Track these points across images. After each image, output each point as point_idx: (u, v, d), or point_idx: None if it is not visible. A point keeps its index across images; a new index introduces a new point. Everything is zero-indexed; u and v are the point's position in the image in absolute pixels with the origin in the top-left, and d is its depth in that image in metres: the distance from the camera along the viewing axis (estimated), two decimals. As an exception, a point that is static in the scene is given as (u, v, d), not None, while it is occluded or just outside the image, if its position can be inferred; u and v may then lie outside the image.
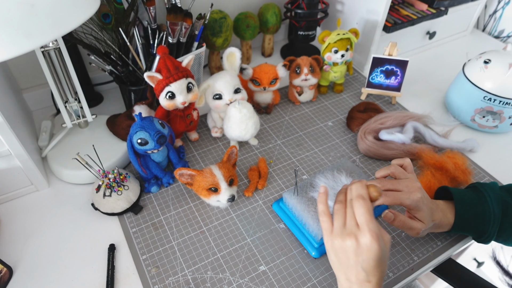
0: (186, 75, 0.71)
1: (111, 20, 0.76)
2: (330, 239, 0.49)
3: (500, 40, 1.24)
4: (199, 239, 0.67)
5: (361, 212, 0.46)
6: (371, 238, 0.44)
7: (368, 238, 0.44)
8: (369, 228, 0.45)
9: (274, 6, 1.03)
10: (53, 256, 0.65)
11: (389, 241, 0.48)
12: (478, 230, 0.60)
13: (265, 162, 0.79)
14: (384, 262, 0.46)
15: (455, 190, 0.62)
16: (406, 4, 1.09)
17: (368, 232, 0.45)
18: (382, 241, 0.46)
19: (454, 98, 0.91)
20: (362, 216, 0.46)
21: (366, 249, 0.45)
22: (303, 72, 0.88)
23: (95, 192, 0.68)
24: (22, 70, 0.88)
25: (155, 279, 0.61)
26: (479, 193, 0.62)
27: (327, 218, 0.50)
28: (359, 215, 0.46)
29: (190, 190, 0.75)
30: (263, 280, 0.61)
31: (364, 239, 0.45)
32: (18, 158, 0.67)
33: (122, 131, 0.79)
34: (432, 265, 0.65)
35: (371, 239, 0.44)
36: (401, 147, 0.80)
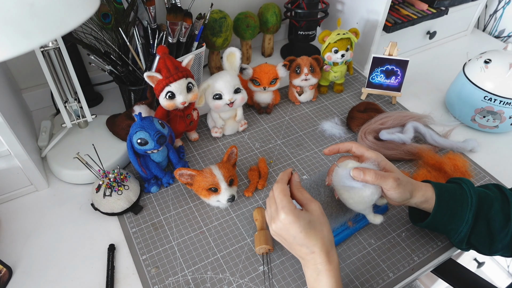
0: (186, 75, 0.71)
1: (111, 20, 0.76)
2: (269, 225, 0.53)
3: (500, 40, 1.24)
4: (199, 239, 0.67)
5: (275, 195, 0.51)
6: (284, 214, 0.48)
7: (282, 215, 0.48)
8: (282, 206, 0.49)
9: (274, 6, 1.02)
10: (52, 256, 0.64)
11: (318, 207, 0.51)
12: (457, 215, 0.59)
13: (265, 162, 0.79)
14: (316, 228, 0.49)
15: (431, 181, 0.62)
16: (406, 4, 1.08)
17: (281, 210, 0.49)
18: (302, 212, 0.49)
19: (454, 98, 0.91)
20: (276, 198, 0.50)
21: (288, 225, 0.48)
22: (303, 72, 0.88)
23: (95, 192, 0.68)
24: (21, 70, 0.88)
25: (155, 279, 0.61)
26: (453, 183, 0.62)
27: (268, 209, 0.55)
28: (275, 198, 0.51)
29: (190, 190, 0.75)
30: (263, 280, 0.61)
31: (280, 217, 0.49)
32: (17, 158, 0.66)
33: (122, 131, 0.79)
34: (432, 265, 0.65)
35: (285, 215, 0.48)
36: (401, 147, 0.80)
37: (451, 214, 0.59)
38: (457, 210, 0.59)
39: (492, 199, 0.59)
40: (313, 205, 0.51)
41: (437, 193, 0.59)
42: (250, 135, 0.87)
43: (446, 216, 0.59)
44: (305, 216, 0.49)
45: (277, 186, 0.52)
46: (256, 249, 0.63)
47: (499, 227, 0.58)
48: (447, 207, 0.59)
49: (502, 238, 0.58)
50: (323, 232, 0.50)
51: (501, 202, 0.59)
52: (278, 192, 0.51)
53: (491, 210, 0.58)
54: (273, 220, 0.51)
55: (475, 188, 0.60)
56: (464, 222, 0.58)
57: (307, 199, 0.52)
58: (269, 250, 0.63)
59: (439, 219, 0.60)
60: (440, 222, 0.60)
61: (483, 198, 0.59)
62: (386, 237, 0.68)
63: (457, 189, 0.60)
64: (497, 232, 0.58)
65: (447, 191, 0.59)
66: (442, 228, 0.62)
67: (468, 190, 0.59)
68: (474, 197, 0.58)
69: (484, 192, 0.60)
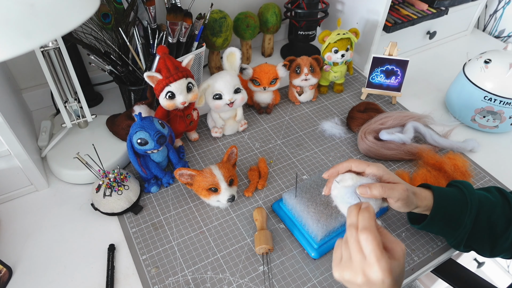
0: (186, 75, 0.71)
1: (111, 20, 0.76)
2: (338, 269, 0.47)
3: (500, 40, 1.24)
4: (199, 239, 0.67)
5: (369, 249, 0.43)
6: (382, 275, 0.42)
7: (379, 276, 0.42)
8: (380, 266, 0.42)
9: (274, 6, 1.02)
10: (52, 256, 0.64)
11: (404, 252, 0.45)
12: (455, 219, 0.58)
13: (265, 162, 0.79)
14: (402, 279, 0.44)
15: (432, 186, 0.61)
16: (406, 3, 1.08)
17: (379, 269, 0.42)
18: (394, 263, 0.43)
19: (454, 98, 0.91)
20: (371, 253, 0.43)
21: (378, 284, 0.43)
22: (303, 72, 0.88)
23: (95, 192, 0.68)
24: (21, 70, 0.88)
25: (155, 279, 0.61)
26: (454, 187, 0.62)
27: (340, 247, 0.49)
28: (368, 251, 0.43)
29: (190, 190, 0.75)
30: (263, 280, 0.61)
31: (374, 276, 0.42)
32: (17, 158, 0.66)
33: (122, 131, 0.79)
34: (432, 265, 0.65)
35: (382, 276, 0.42)
36: (401, 147, 0.80)
37: (449, 219, 0.59)
38: (455, 215, 0.58)
39: (494, 204, 0.59)
40: (400, 251, 0.45)
41: (436, 198, 0.58)
42: (250, 135, 0.87)
43: (444, 221, 0.59)
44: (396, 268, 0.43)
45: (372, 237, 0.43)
46: (256, 249, 0.63)
47: (501, 232, 0.58)
48: (445, 212, 0.58)
49: (503, 242, 0.58)
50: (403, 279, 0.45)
51: (502, 207, 0.59)
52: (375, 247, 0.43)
53: (493, 215, 0.58)
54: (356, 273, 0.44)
55: (475, 192, 0.59)
56: (462, 226, 0.58)
57: (393, 241, 0.45)
58: (269, 250, 0.63)
59: (436, 223, 0.60)
60: (437, 225, 0.60)
61: (484, 203, 0.59)
62: (386, 237, 0.68)
63: (456, 194, 0.59)
64: (498, 236, 0.58)
65: (446, 195, 0.59)
66: (439, 231, 0.62)
67: (468, 195, 0.58)
68: (474, 203, 0.58)
69: (485, 197, 0.60)
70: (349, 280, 0.45)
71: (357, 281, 0.44)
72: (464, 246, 0.60)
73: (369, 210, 0.47)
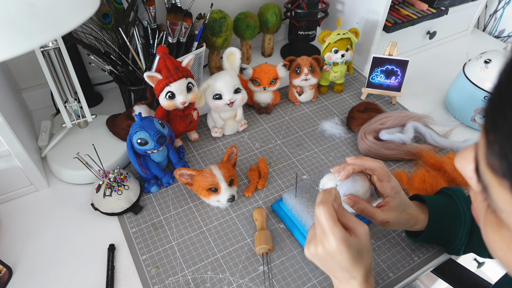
0: (186, 75, 0.71)
1: (111, 20, 0.76)
2: (306, 246, 0.50)
3: (500, 40, 1.24)
4: (199, 239, 0.67)
5: (322, 220, 0.46)
6: (336, 243, 0.44)
7: (333, 244, 0.45)
8: (333, 234, 0.45)
9: (274, 6, 1.02)
10: (52, 256, 0.64)
11: (366, 232, 0.47)
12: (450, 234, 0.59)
13: (265, 162, 0.79)
14: (363, 256, 0.46)
15: (426, 196, 0.61)
16: (406, 3, 1.08)
17: (333, 238, 0.45)
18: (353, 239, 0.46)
19: (454, 98, 0.91)
20: (324, 223, 0.46)
21: (336, 253, 0.45)
22: (303, 72, 0.88)
23: (95, 192, 0.68)
24: (21, 70, 0.88)
25: (155, 279, 0.61)
26: (448, 197, 0.61)
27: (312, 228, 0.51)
28: (322, 222, 0.46)
29: (190, 190, 0.75)
30: (263, 280, 0.61)
31: (330, 245, 0.45)
32: (17, 158, 0.66)
33: (122, 131, 0.79)
34: (432, 265, 0.65)
35: (337, 244, 0.44)
36: (401, 147, 0.80)
37: (444, 232, 0.59)
38: (450, 228, 0.59)
39: None
40: (362, 230, 0.47)
41: (431, 214, 0.58)
42: (250, 135, 0.87)
43: (439, 235, 0.60)
44: (355, 244, 0.46)
45: (325, 209, 0.46)
46: (256, 249, 0.63)
47: None
48: (440, 227, 0.59)
49: None
50: (368, 259, 0.47)
51: None
52: (327, 218, 0.46)
53: None
54: (317, 244, 0.47)
55: (468, 201, 0.59)
56: (458, 239, 0.58)
57: (354, 222, 0.48)
58: (269, 250, 0.63)
59: (431, 238, 0.60)
60: (433, 239, 0.61)
61: None
62: (386, 237, 0.68)
63: (450, 206, 0.59)
64: None
65: (441, 209, 0.59)
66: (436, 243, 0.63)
67: (461, 207, 0.58)
68: (467, 214, 0.57)
69: None
70: (313, 254, 0.48)
71: (318, 252, 0.47)
72: (463, 252, 0.61)
73: (330, 191, 0.49)
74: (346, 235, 0.45)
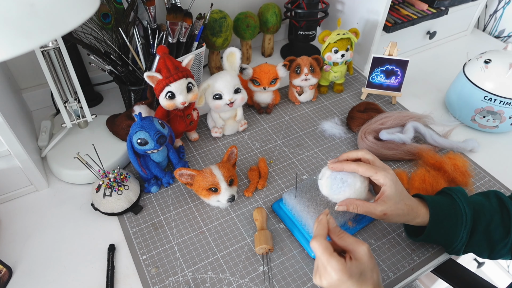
0: (186, 75, 0.71)
1: (111, 20, 0.76)
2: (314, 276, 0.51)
3: (500, 40, 1.24)
4: (199, 239, 0.67)
5: (318, 254, 0.48)
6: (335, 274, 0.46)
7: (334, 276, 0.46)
8: (331, 267, 0.46)
9: (274, 6, 1.02)
10: (52, 256, 0.64)
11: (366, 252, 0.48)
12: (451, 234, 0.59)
13: (265, 162, 0.79)
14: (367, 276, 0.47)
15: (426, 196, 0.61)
16: (406, 3, 1.08)
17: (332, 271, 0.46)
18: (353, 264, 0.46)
19: (454, 98, 0.91)
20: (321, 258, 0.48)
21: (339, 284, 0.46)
22: (303, 72, 0.88)
23: (95, 192, 0.68)
24: (21, 70, 0.88)
25: (155, 279, 0.61)
26: (449, 197, 0.61)
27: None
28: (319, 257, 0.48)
29: (190, 190, 0.75)
30: (263, 280, 0.61)
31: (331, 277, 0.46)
32: (17, 158, 0.66)
33: (122, 131, 0.79)
34: (432, 265, 0.65)
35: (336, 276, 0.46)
36: (401, 147, 0.80)
37: (445, 232, 0.59)
38: (451, 228, 0.58)
39: (492, 213, 0.58)
40: (361, 251, 0.48)
41: (431, 213, 0.58)
42: (250, 135, 0.87)
43: (440, 234, 0.59)
44: (356, 269, 0.46)
45: (318, 244, 0.48)
46: (256, 249, 0.63)
47: (499, 239, 0.58)
48: (441, 227, 0.59)
49: (501, 248, 0.58)
50: (373, 277, 0.48)
51: (501, 215, 0.58)
52: (322, 252, 0.47)
53: (491, 224, 0.58)
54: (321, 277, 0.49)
55: (470, 202, 0.59)
56: (459, 239, 0.58)
57: (353, 243, 0.49)
58: (269, 250, 0.63)
59: (432, 237, 0.60)
60: (433, 239, 0.61)
61: (480, 211, 0.58)
62: (386, 237, 0.68)
63: (451, 206, 0.59)
64: (496, 243, 0.58)
65: (442, 209, 0.59)
66: (436, 243, 0.63)
67: (463, 207, 0.58)
68: (468, 214, 0.57)
69: (481, 205, 0.59)
70: (320, 284, 0.49)
71: (324, 285, 0.48)
72: (463, 252, 0.61)
73: (321, 222, 0.51)
74: (344, 264, 0.46)
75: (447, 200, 0.60)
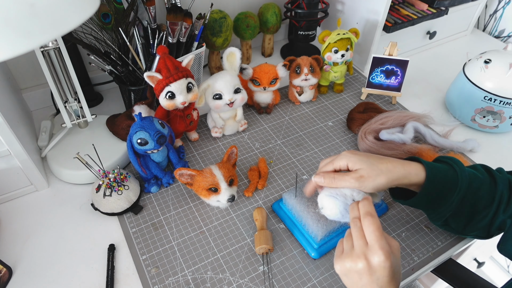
0: (186, 75, 0.71)
1: (111, 20, 0.76)
2: (339, 260, 0.48)
3: (500, 40, 1.24)
4: (199, 239, 0.67)
5: (370, 230, 0.45)
6: (384, 257, 0.43)
7: (380, 258, 0.43)
8: (380, 247, 0.44)
9: (274, 6, 1.02)
10: (52, 256, 0.64)
11: (398, 248, 0.47)
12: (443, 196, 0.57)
13: (265, 162, 0.79)
14: (398, 273, 0.45)
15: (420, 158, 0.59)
16: (406, 4, 1.08)
17: (380, 251, 0.44)
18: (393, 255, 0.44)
19: (454, 98, 0.91)
20: (371, 234, 0.45)
21: (379, 268, 0.44)
22: (303, 72, 0.88)
23: (95, 192, 0.68)
24: (21, 70, 0.88)
25: (155, 279, 0.61)
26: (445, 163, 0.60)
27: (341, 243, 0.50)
28: (369, 233, 0.45)
29: (190, 190, 0.75)
30: (263, 280, 0.61)
31: (376, 258, 0.44)
32: (17, 158, 0.66)
33: (122, 131, 0.79)
34: (432, 265, 0.65)
35: (384, 258, 0.43)
36: (401, 147, 0.80)
37: (438, 196, 0.57)
38: (444, 192, 0.57)
39: (481, 182, 0.58)
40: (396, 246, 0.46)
41: (428, 173, 0.56)
42: (250, 135, 0.87)
43: (431, 198, 0.57)
44: (394, 260, 0.44)
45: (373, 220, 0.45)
46: (256, 249, 0.63)
47: (481, 209, 0.57)
48: (435, 190, 0.57)
49: (480, 219, 0.57)
50: (400, 276, 0.46)
51: (489, 185, 0.58)
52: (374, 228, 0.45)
53: (479, 192, 0.57)
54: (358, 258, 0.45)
55: (465, 170, 0.58)
56: (448, 204, 0.57)
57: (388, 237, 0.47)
58: (269, 250, 0.63)
59: (423, 201, 0.58)
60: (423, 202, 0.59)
61: (473, 180, 0.57)
62: (386, 237, 0.68)
63: (448, 172, 0.58)
64: (477, 213, 0.57)
65: (439, 173, 0.57)
66: (423, 207, 0.61)
67: (460, 173, 0.57)
68: (464, 181, 0.56)
69: (473, 174, 0.58)
70: (350, 268, 0.46)
71: (358, 267, 0.45)
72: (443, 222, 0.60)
73: (368, 199, 0.50)
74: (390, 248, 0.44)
75: (444, 166, 0.59)
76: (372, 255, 0.44)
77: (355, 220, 0.49)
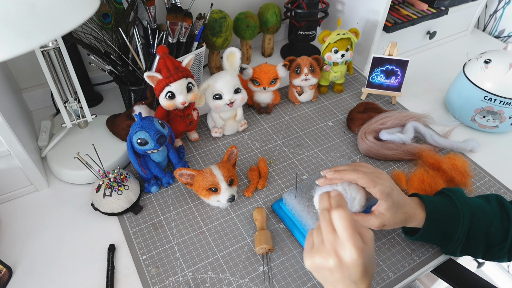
0: (186, 75, 0.71)
1: (111, 20, 0.76)
2: (309, 256, 0.44)
3: (500, 40, 1.24)
4: (199, 239, 0.67)
5: (342, 226, 0.41)
6: (357, 255, 0.40)
7: (353, 256, 0.40)
8: (353, 244, 0.41)
9: (274, 6, 1.02)
10: (52, 256, 0.64)
11: (372, 238, 0.44)
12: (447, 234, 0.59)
13: (265, 162, 0.79)
14: (371, 266, 0.43)
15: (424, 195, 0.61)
16: (406, 4, 1.08)
17: (353, 248, 0.40)
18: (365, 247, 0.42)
19: (454, 98, 0.91)
20: (344, 231, 0.41)
21: (351, 266, 0.41)
22: (303, 72, 0.88)
23: (95, 192, 0.68)
24: (21, 70, 0.88)
25: (155, 279, 0.61)
26: (447, 197, 0.61)
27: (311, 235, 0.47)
28: (341, 229, 0.42)
29: (190, 190, 0.75)
30: (263, 280, 0.61)
31: (348, 256, 0.41)
32: (17, 158, 0.66)
33: (122, 131, 0.79)
34: (432, 265, 0.65)
35: (357, 256, 0.40)
36: (401, 147, 0.80)
37: (441, 232, 0.59)
38: (447, 228, 0.58)
39: (492, 216, 0.58)
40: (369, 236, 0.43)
41: (428, 212, 0.58)
42: (250, 135, 0.87)
43: (436, 234, 0.59)
44: (367, 252, 0.41)
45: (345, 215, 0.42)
46: (256, 249, 0.63)
47: (497, 242, 0.58)
48: (437, 226, 0.58)
49: (497, 251, 0.58)
50: (373, 267, 0.43)
51: (501, 220, 0.58)
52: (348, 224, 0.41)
53: (491, 227, 0.58)
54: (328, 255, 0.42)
55: (468, 203, 0.59)
56: (455, 239, 0.58)
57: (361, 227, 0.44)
58: (269, 250, 0.63)
59: (428, 237, 0.60)
60: (429, 238, 0.61)
61: (479, 213, 0.58)
62: (386, 237, 0.68)
63: (448, 206, 0.59)
64: (493, 246, 0.58)
65: (439, 208, 0.58)
66: (433, 242, 0.63)
67: (460, 207, 0.58)
68: (466, 215, 0.57)
69: (480, 207, 0.59)
70: (320, 265, 0.43)
71: (329, 264, 0.42)
72: (459, 253, 0.61)
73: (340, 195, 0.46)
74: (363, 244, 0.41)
75: (445, 200, 0.60)
76: (344, 253, 0.41)
77: (324, 212, 0.45)
